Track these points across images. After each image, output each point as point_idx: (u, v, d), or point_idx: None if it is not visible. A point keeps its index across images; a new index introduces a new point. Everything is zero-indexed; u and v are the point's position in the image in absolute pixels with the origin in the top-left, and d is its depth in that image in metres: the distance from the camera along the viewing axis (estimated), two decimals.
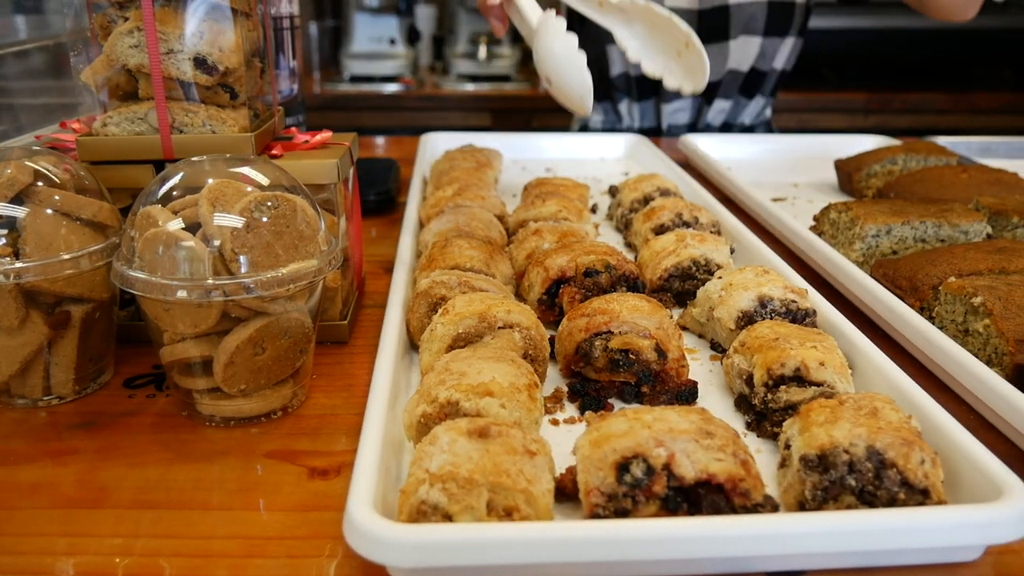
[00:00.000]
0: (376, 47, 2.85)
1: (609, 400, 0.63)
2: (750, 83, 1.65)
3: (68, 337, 0.62)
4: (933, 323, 0.71)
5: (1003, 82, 3.10)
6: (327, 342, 0.73)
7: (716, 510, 0.46)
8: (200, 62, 0.66)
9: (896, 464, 0.48)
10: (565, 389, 0.64)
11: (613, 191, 1.12)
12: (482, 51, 2.93)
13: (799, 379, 0.58)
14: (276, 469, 0.56)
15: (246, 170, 0.60)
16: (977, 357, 0.65)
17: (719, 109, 1.67)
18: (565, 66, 0.79)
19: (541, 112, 2.78)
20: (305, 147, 0.73)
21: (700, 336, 0.75)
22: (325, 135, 0.74)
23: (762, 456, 0.57)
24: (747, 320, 0.68)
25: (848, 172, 1.19)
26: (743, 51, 1.59)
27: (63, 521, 0.51)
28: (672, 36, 0.82)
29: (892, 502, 0.47)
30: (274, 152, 0.71)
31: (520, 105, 2.84)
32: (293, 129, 0.80)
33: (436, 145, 1.35)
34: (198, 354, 0.58)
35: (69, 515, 0.51)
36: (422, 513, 0.44)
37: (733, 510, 0.46)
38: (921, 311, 0.74)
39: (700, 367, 0.70)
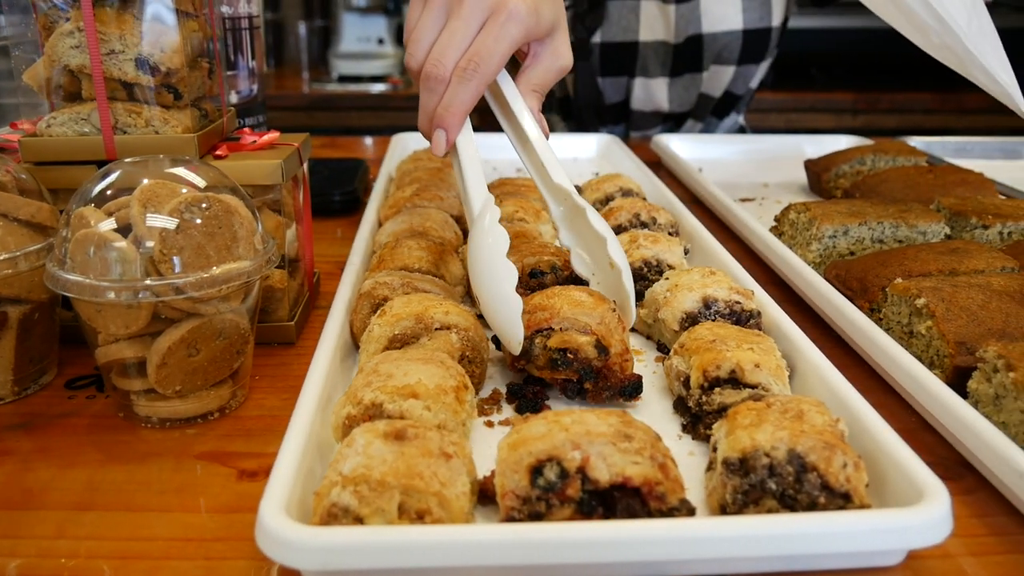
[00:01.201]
0: (364, 47, 2.85)
1: (552, 398, 0.63)
2: (723, 105, 1.59)
3: (5, 338, 0.62)
4: (880, 325, 0.70)
5: None
6: (274, 343, 0.73)
7: (631, 514, 0.46)
8: (142, 63, 0.66)
9: (817, 468, 0.47)
10: (503, 391, 0.64)
11: (576, 191, 1.12)
12: None
13: (735, 381, 0.58)
14: (206, 470, 0.56)
15: (182, 171, 0.60)
16: (920, 359, 0.65)
17: (689, 129, 1.63)
18: (494, 305, 0.61)
19: None
20: (252, 148, 0.73)
21: (648, 337, 0.74)
22: (272, 135, 0.74)
23: (694, 459, 0.57)
24: (691, 321, 0.68)
25: (817, 172, 1.18)
26: (716, 79, 1.52)
27: None
28: (603, 250, 0.68)
29: (813, 506, 0.47)
30: (219, 153, 0.71)
31: None
32: (245, 130, 0.79)
33: (406, 145, 1.34)
34: (132, 355, 0.58)
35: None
36: (333, 516, 0.44)
37: (650, 514, 0.46)
38: (871, 312, 0.73)
39: (645, 368, 0.69)
